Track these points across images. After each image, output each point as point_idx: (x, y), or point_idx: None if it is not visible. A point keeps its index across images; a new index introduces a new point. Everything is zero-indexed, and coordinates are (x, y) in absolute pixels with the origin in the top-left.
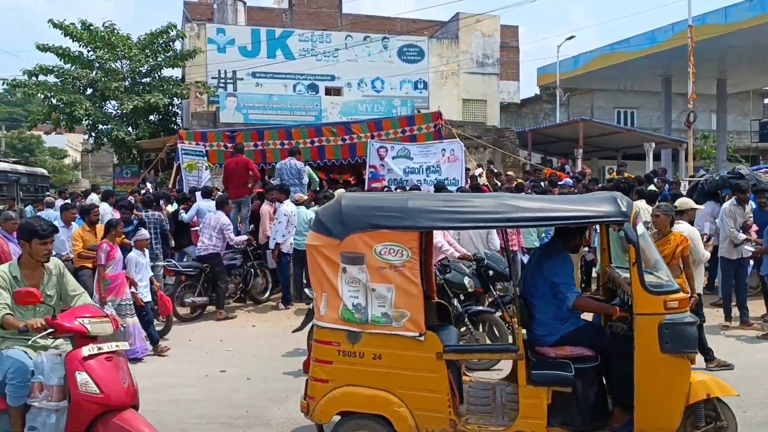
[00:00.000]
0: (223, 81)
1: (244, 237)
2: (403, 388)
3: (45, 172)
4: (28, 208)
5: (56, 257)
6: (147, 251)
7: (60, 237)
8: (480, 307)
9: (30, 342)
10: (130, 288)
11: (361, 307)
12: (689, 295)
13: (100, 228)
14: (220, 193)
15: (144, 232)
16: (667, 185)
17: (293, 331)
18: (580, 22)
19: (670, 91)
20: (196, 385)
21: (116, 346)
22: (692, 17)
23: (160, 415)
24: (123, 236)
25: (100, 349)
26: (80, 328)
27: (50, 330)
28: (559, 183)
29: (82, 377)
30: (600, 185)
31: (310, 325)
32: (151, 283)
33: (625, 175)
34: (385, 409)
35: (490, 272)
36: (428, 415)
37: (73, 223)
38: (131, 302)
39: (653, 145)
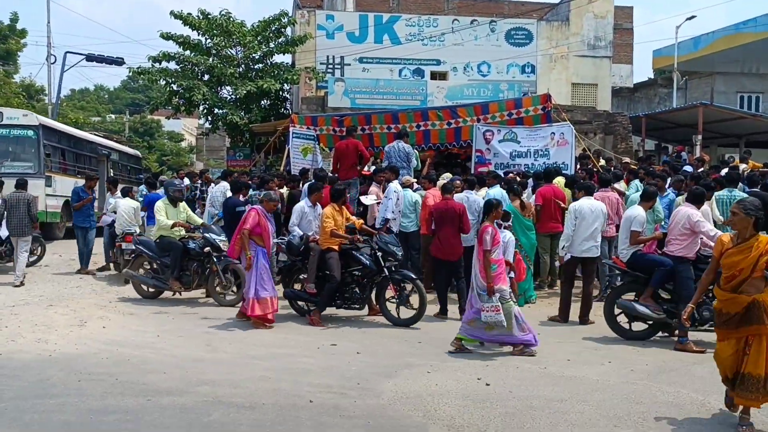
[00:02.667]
0: (331, 66)
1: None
2: None
3: (139, 154)
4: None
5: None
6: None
7: (307, 216)
8: (407, 273)
9: None
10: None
11: None
12: None
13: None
14: (330, 175)
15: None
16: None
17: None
18: (701, 2)
19: None
20: (309, 356)
21: None
22: None
23: (278, 382)
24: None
25: None
26: None
27: None
28: (682, 169)
29: None
30: (719, 173)
31: None
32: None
33: (750, 164)
34: None
35: (380, 252)
36: None
37: (318, 204)
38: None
39: None
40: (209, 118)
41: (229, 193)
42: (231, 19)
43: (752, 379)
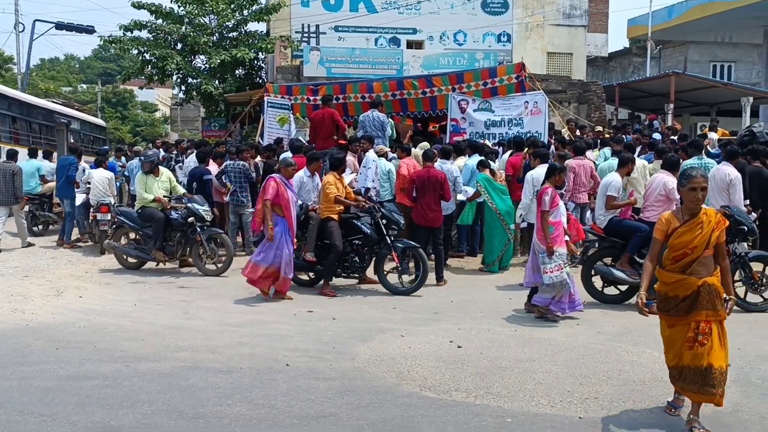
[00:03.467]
0: (306, 35)
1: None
2: None
3: (103, 123)
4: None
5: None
6: None
7: (306, 186)
8: (409, 242)
9: None
10: None
11: None
12: (727, 298)
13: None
14: (306, 144)
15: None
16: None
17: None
18: None
19: None
20: (286, 322)
21: None
22: None
23: (255, 347)
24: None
25: None
26: None
27: None
28: (652, 139)
29: None
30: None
31: None
32: None
33: (719, 131)
34: None
35: (384, 221)
36: None
37: (316, 174)
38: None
39: (751, 100)
40: (183, 88)
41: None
42: None
43: (715, 372)
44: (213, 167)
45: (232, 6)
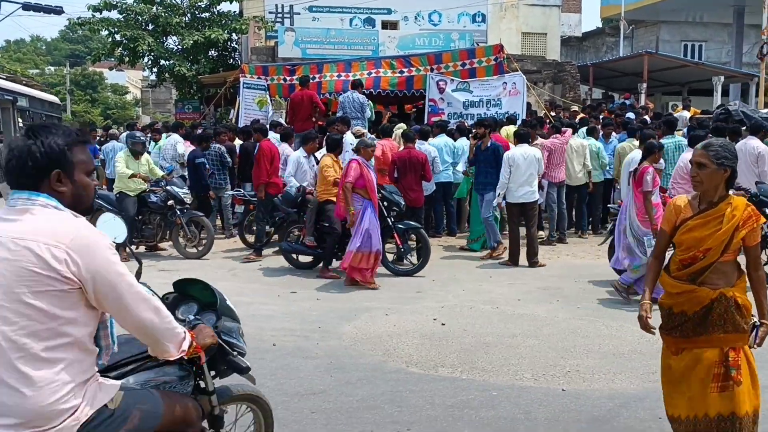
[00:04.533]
0: (280, 16)
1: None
2: None
3: (56, 100)
4: None
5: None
6: None
7: (303, 167)
8: (411, 223)
9: None
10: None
11: None
12: (758, 322)
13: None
14: (284, 124)
15: None
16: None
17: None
18: None
19: (742, 22)
20: (270, 303)
21: None
22: None
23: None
24: None
25: None
26: None
27: None
28: (626, 118)
29: None
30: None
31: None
32: None
33: (692, 110)
34: None
35: (385, 203)
36: None
37: (312, 155)
38: None
39: (722, 79)
40: (155, 70)
41: (180, 147)
42: None
43: (744, 420)
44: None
45: None
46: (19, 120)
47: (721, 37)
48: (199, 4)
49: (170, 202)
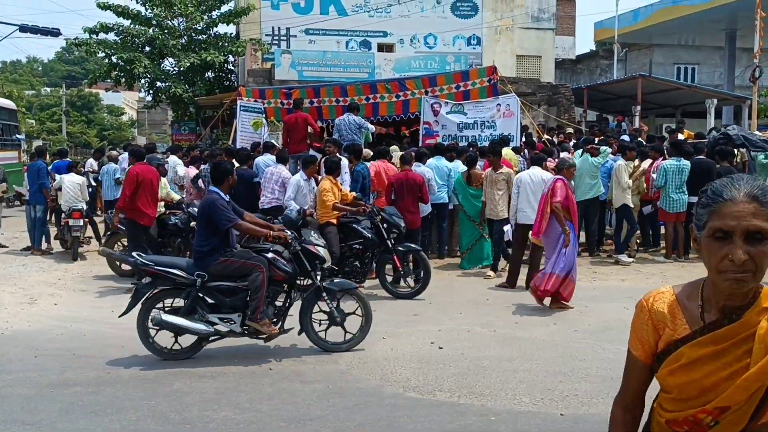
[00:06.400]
0: (277, 38)
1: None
2: None
3: (12, 105)
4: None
5: (297, 211)
6: None
7: (303, 190)
8: (411, 245)
9: None
10: None
11: None
12: None
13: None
14: (278, 145)
15: None
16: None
17: None
18: None
19: (734, 45)
20: None
21: None
22: None
23: (236, 351)
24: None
25: None
26: None
27: None
28: (621, 139)
29: None
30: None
31: None
32: None
33: (685, 133)
34: None
35: (385, 224)
36: None
37: (312, 178)
38: None
39: (715, 101)
40: (151, 92)
41: (180, 169)
42: None
43: None
44: (193, 171)
45: (201, 8)
46: None
47: (713, 60)
48: (196, 26)
49: (193, 224)
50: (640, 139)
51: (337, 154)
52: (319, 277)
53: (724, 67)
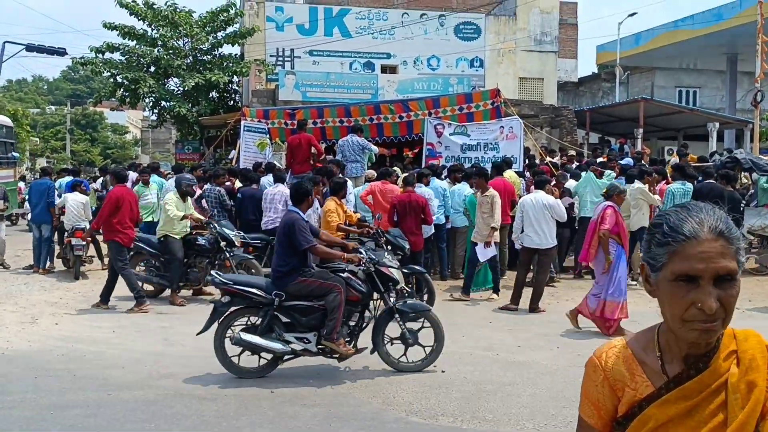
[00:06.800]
0: (281, 59)
1: None
2: None
3: (9, 122)
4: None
5: None
6: None
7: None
8: (416, 267)
9: None
10: None
11: None
12: None
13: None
14: (280, 166)
15: None
16: None
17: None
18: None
19: (735, 69)
20: None
21: None
22: None
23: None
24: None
25: None
26: None
27: None
28: (621, 162)
29: None
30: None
31: None
32: None
33: (689, 156)
34: None
35: (389, 246)
36: None
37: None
38: None
39: (717, 125)
40: (155, 111)
41: None
42: (177, 10)
43: None
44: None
45: (207, 29)
46: None
47: (715, 84)
48: (201, 47)
49: (223, 243)
50: (642, 161)
51: (339, 175)
52: (392, 299)
53: (726, 91)
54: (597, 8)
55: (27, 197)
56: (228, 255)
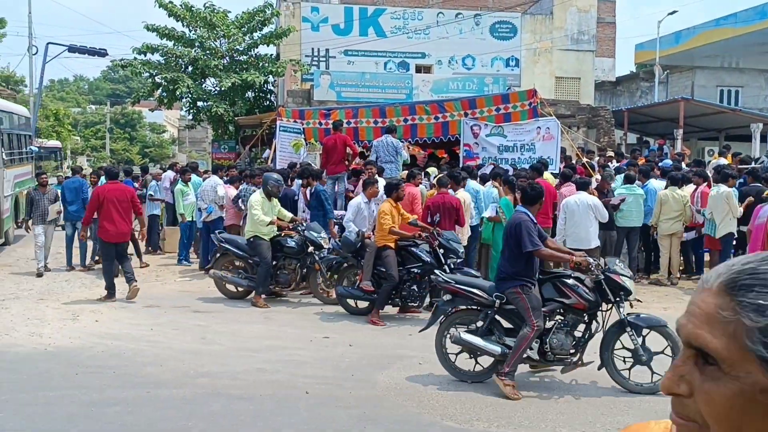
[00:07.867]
0: (316, 59)
1: (343, 212)
2: None
3: (26, 111)
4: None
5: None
6: None
7: (363, 212)
8: (470, 270)
9: None
10: None
11: None
12: None
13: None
14: (314, 167)
15: None
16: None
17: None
18: None
19: None
20: (303, 348)
21: None
22: None
23: (274, 373)
24: None
25: None
26: None
27: None
28: (659, 164)
29: None
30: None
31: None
32: None
33: (728, 158)
34: None
35: (442, 250)
36: None
37: (372, 199)
38: None
39: (760, 126)
40: (192, 111)
41: (220, 189)
42: (215, 11)
43: None
44: (231, 190)
45: (243, 30)
46: None
47: (757, 83)
48: (238, 47)
49: (310, 249)
50: (682, 163)
51: (376, 176)
52: (622, 310)
53: None
54: (636, 6)
55: (60, 196)
56: (317, 258)
